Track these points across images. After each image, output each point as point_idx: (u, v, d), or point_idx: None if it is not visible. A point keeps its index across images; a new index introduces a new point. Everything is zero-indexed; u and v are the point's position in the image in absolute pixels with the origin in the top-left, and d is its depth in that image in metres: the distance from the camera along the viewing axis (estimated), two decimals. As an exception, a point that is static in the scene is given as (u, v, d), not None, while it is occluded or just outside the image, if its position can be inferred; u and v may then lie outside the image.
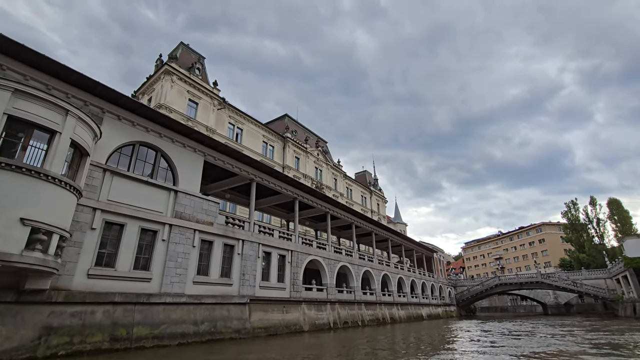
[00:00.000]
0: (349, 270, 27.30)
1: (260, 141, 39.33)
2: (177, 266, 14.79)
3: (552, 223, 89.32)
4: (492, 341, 15.97)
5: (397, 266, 36.66)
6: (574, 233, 65.82)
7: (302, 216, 27.95)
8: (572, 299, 59.83)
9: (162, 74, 30.66)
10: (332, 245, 26.19)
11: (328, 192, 47.37)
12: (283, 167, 41.19)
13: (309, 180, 44.26)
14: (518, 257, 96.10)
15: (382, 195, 65.76)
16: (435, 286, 46.27)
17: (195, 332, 14.26)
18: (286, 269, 20.90)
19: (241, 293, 17.35)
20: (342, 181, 53.02)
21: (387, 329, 24.63)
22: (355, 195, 56.27)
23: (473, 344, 14.82)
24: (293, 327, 19.57)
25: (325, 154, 49.71)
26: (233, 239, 17.81)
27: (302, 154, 44.83)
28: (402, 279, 36.66)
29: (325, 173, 48.83)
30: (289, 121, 47.45)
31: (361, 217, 30.67)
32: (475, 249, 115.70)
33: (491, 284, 52.28)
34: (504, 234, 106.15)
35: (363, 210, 55.81)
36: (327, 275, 24.38)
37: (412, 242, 43.05)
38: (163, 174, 15.62)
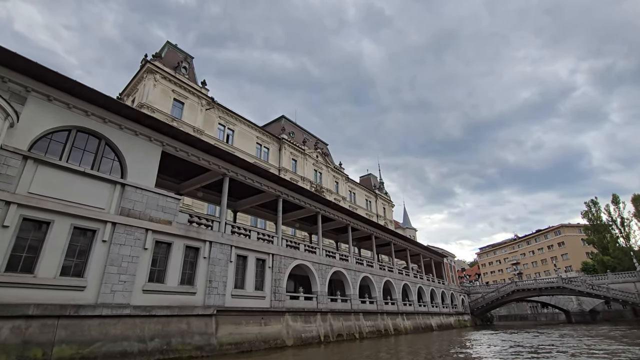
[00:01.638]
0: (345, 277, 24.62)
1: (254, 143, 37.32)
2: (122, 272, 12.45)
3: (572, 225, 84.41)
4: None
5: (401, 272, 33.70)
6: (595, 234, 61.27)
7: (291, 217, 25.52)
8: (598, 306, 55.24)
9: (144, 73, 29.02)
10: (323, 249, 23.59)
11: (329, 195, 44.97)
12: (279, 170, 39.06)
13: (307, 183, 42.00)
14: (536, 262, 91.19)
15: (389, 199, 63.05)
16: (447, 293, 42.98)
17: (141, 351, 11.82)
18: (266, 275, 18.37)
19: (207, 303, 14.88)
20: (344, 184, 50.63)
21: (390, 341, 21.78)
22: (359, 199, 53.77)
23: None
24: (273, 341, 16.93)
25: (325, 156, 47.51)
26: (198, 240, 15.42)
27: (300, 156, 42.71)
28: (408, 285, 33.66)
29: (326, 176, 46.56)
30: (285, 123, 45.50)
31: (358, 218, 28.03)
32: (491, 254, 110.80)
33: (507, 290, 48.62)
34: (520, 238, 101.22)
35: (368, 215, 53.18)
36: (317, 282, 21.73)
37: (419, 246, 40.03)
38: (108, 165, 13.43)
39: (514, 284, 48.68)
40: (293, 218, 25.54)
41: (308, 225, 27.32)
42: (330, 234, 31.79)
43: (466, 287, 55.59)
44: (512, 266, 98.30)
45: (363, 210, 52.95)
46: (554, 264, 71.87)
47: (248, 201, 22.52)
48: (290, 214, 25.30)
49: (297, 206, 23.67)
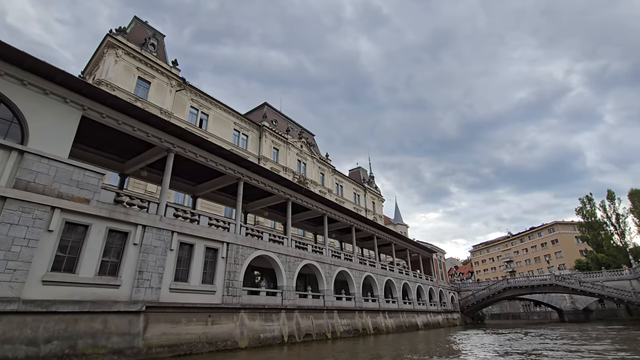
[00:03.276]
0: (318, 271, 22.22)
1: (231, 129, 34.76)
2: (11, 258, 9.92)
3: (566, 222, 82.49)
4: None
5: (385, 267, 31.38)
6: (590, 231, 59.20)
7: (259, 205, 23.05)
8: (591, 304, 53.25)
9: (105, 48, 26.37)
10: (293, 240, 21.18)
11: (313, 187, 42.56)
12: (259, 159, 36.59)
13: (290, 173, 39.58)
14: (530, 260, 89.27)
15: (378, 193, 60.80)
16: (435, 291, 40.79)
17: (30, 356, 9.32)
18: (218, 266, 15.86)
19: (134, 298, 12.37)
20: (331, 177, 48.25)
21: (367, 342, 19.46)
22: (346, 192, 51.44)
23: None
24: (222, 343, 14.46)
25: (310, 147, 45.09)
26: (126, 223, 12.89)
27: (282, 145, 40.24)
28: (392, 282, 31.36)
29: (310, 167, 44.13)
30: (268, 110, 42.98)
31: (336, 208, 25.62)
32: (484, 252, 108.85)
33: (499, 287, 46.57)
34: (513, 236, 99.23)
35: (356, 209, 50.89)
36: (283, 276, 19.29)
37: (406, 240, 37.73)
38: (4, 128, 10.86)
39: (506, 281, 46.79)
40: (262, 206, 23.09)
41: (280, 214, 24.84)
42: (307, 226, 29.42)
43: (456, 284, 53.51)
44: (505, 264, 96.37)
45: (350, 203, 50.64)
46: (547, 261, 69.95)
47: (208, 185, 20.01)
48: (259, 202, 22.86)
49: (265, 192, 21.24)
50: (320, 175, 46.11)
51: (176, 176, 19.37)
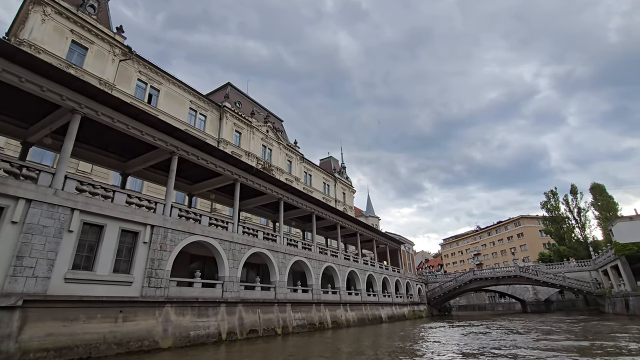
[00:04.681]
0: (270, 260, 20.03)
1: (186, 108, 31.67)
2: None
3: (531, 216, 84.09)
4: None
5: (348, 257, 29.64)
6: (553, 225, 59.99)
7: (206, 187, 20.48)
8: (552, 295, 54.21)
9: (30, 4, 22.67)
10: (240, 225, 18.82)
11: (279, 175, 40.22)
12: (218, 142, 33.74)
13: (253, 159, 37.01)
14: (496, 253, 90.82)
15: (349, 184, 59.14)
16: (401, 282, 39.70)
17: None
18: (138, 253, 13.25)
19: (8, 290, 9.64)
20: (299, 164, 46.02)
21: (324, 337, 17.56)
22: (315, 181, 49.40)
23: None
24: (136, 343, 11.94)
25: (277, 132, 42.63)
26: (2, 196, 10.07)
27: (246, 129, 37.58)
28: (356, 273, 29.71)
29: (277, 153, 41.71)
30: (231, 91, 40.05)
31: (295, 193, 23.49)
32: (454, 245, 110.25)
33: (465, 279, 46.20)
34: (482, 229, 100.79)
35: (325, 199, 48.98)
36: (225, 266, 16.93)
37: (373, 230, 36.21)
38: None
39: (472, 272, 46.55)
40: (208, 187, 20.51)
41: (230, 197, 22.30)
42: (266, 212, 27.08)
43: (424, 276, 52.92)
44: (473, 257, 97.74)
45: (320, 193, 48.66)
46: (513, 253, 70.87)
47: (139, 161, 17.21)
48: (205, 183, 20.29)
49: (211, 172, 18.70)
50: (287, 163, 43.84)
51: (96, 147, 16.43)
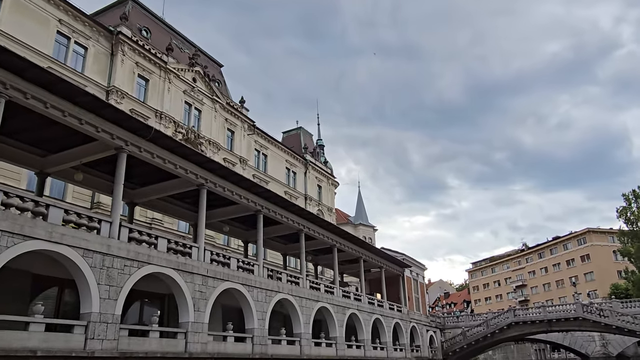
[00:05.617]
0: (182, 293, 18.77)
1: (51, 30, 29.33)
2: None
3: (602, 230, 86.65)
4: None
5: (317, 286, 28.80)
6: (635, 242, 61.15)
7: (69, 160, 18.58)
8: (629, 348, 55.31)
9: None
10: (127, 227, 17.17)
11: (213, 151, 39.19)
12: (108, 92, 32.01)
13: (169, 123, 35.78)
14: (549, 285, 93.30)
15: (329, 173, 58.99)
16: (403, 326, 39.98)
17: None
18: None
19: None
20: (247, 138, 45.25)
21: None
22: (274, 166, 49.24)
23: None
24: None
25: (212, 83, 41.26)
26: None
27: (157, 74, 36.17)
28: (329, 311, 29.33)
29: (209, 117, 40.62)
30: (134, 10, 37.86)
31: (226, 176, 22.20)
32: (487, 271, 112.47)
33: (502, 323, 46.90)
34: (530, 249, 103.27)
35: (288, 195, 47.91)
36: (92, 298, 15.12)
37: (361, 244, 35.65)
38: None
39: (512, 312, 47.35)
40: (73, 161, 18.60)
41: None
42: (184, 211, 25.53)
43: (440, 317, 52.97)
44: (515, 290, 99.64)
45: (280, 185, 48.05)
46: (574, 284, 71.93)
47: None
48: (66, 153, 18.35)
49: (77, 135, 16.82)
50: (227, 133, 42.94)
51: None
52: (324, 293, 29.26)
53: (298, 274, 27.87)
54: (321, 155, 58.36)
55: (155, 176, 20.89)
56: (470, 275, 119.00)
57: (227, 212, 25.24)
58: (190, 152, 20.11)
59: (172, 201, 24.80)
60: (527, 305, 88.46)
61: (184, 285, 18.82)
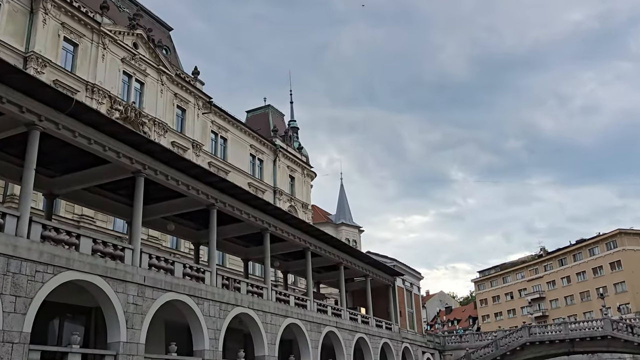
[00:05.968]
0: (112, 306, 18.63)
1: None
2: None
3: (636, 231, 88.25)
4: None
5: (286, 298, 29.24)
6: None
7: None
8: (666, 372, 56.85)
9: None
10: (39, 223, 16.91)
11: (158, 132, 39.52)
12: (25, 58, 31.86)
13: (103, 97, 35.71)
14: (572, 297, 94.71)
15: (305, 162, 59.72)
16: (393, 347, 40.56)
17: None
18: None
19: None
20: (200, 117, 45.74)
21: None
22: (235, 151, 49.94)
23: None
24: None
25: (156, 50, 41.49)
26: None
27: (88, 37, 36.33)
28: (301, 329, 29.60)
29: (153, 90, 40.88)
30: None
31: (168, 161, 22.01)
32: (498, 281, 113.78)
33: (514, 343, 47.59)
34: (549, 254, 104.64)
35: (253, 187, 48.84)
36: None
37: (342, 247, 36.15)
38: None
39: (527, 330, 47.76)
40: None
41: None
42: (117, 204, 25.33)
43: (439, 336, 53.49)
44: (530, 303, 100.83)
45: (242, 175, 48.81)
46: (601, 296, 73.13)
47: None
48: None
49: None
50: (176, 112, 43.23)
51: None
52: (295, 307, 29.44)
53: (262, 284, 28.01)
54: (294, 140, 58.65)
55: (80, 161, 20.71)
56: (477, 286, 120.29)
57: (173, 206, 25.22)
58: (123, 131, 19.84)
59: (102, 193, 24.64)
60: (546, 321, 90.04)
61: (114, 296, 18.51)
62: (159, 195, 23.75)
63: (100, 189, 24.22)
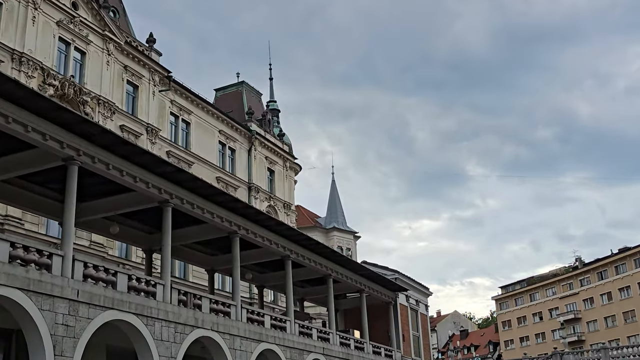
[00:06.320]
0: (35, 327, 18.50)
1: None
2: None
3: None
4: None
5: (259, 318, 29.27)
6: None
7: None
8: None
9: None
10: None
11: (103, 112, 39.89)
12: None
13: (34, 69, 35.75)
14: (614, 318, 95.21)
15: (288, 152, 60.15)
16: None
17: None
18: None
19: None
20: (157, 95, 46.03)
21: None
22: (200, 138, 50.53)
23: None
24: None
25: (101, 11, 41.37)
26: None
27: None
28: (278, 357, 29.58)
29: (97, 61, 40.89)
30: None
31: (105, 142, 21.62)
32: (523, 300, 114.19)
33: None
34: (586, 265, 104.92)
35: (223, 183, 49.28)
36: None
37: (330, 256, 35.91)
38: None
39: (558, 357, 48.24)
40: None
41: None
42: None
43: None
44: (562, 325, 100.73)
45: (209, 168, 49.82)
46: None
47: None
48: None
49: None
50: (126, 88, 43.40)
51: None
52: (271, 329, 29.41)
53: (230, 301, 27.93)
54: (274, 125, 58.49)
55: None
56: (499, 305, 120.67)
57: (117, 203, 25.14)
58: (50, 106, 19.56)
59: (30, 187, 24.59)
60: (582, 347, 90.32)
61: (38, 315, 18.31)
62: (99, 189, 23.71)
63: (27, 183, 24.10)
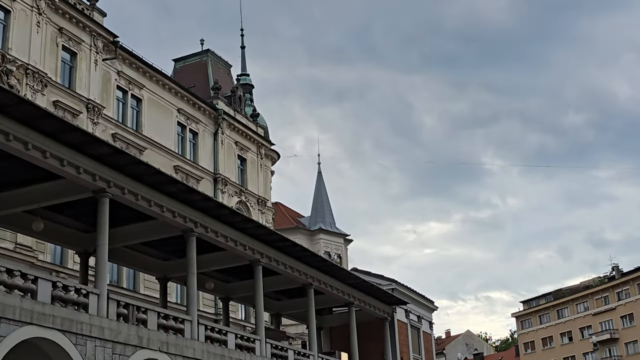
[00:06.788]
0: None
1: None
2: None
3: None
4: None
5: (221, 337, 29.12)
6: None
7: None
8: None
9: None
10: None
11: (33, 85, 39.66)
12: None
13: None
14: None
15: (261, 135, 61.11)
16: None
17: None
18: None
19: None
20: (100, 65, 45.83)
21: None
22: (154, 117, 50.89)
23: None
24: None
25: None
26: None
27: None
28: None
29: (26, 20, 40.51)
30: None
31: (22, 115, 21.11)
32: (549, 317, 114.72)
33: None
34: (623, 276, 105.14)
35: (183, 173, 49.16)
36: None
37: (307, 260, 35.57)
38: None
39: None
40: None
41: None
42: None
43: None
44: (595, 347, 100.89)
45: (165, 154, 50.36)
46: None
47: None
48: None
49: None
50: (62, 55, 43.33)
51: None
52: (236, 351, 29.29)
53: (184, 315, 27.69)
54: (247, 104, 58.18)
55: None
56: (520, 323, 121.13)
57: (41, 194, 24.85)
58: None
59: None
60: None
61: None
62: (16, 177, 23.57)
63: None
